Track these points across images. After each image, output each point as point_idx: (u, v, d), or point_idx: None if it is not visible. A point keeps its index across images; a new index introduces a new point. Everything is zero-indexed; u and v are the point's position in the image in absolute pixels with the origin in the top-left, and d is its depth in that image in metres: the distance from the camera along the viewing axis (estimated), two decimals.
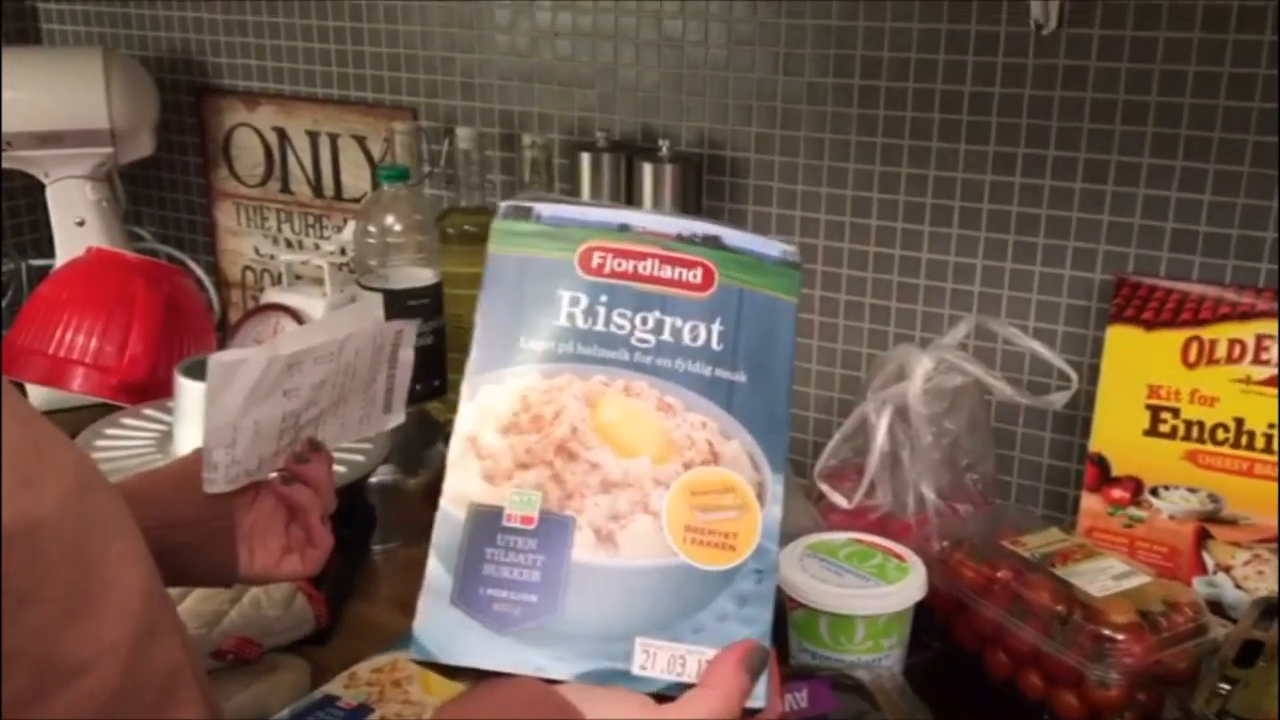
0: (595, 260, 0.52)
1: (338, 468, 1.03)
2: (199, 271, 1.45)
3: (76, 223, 1.34)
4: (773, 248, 0.54)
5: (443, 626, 0.47)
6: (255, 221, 1.45)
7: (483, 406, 0.51)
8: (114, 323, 1.16)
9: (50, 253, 1.35)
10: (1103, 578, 0.83)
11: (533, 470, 0.49)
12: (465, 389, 0.52)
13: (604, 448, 0.48)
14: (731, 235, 0.53)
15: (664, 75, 1.14)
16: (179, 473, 0.70)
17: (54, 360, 1.15)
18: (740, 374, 0.51)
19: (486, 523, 0.48)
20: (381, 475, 1.05)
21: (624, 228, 0.53)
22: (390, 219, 1.15)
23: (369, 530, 1.03)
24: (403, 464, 1.08)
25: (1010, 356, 1.04)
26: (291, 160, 1.40)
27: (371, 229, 1.16)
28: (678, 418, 0.49)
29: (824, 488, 0.99)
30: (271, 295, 1.29)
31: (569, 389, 0.50)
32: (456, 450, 0.50)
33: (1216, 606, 0.92)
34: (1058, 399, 0.95)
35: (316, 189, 1.40)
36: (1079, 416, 1.01)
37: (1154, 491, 0.95)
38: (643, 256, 0.52)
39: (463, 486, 0.49)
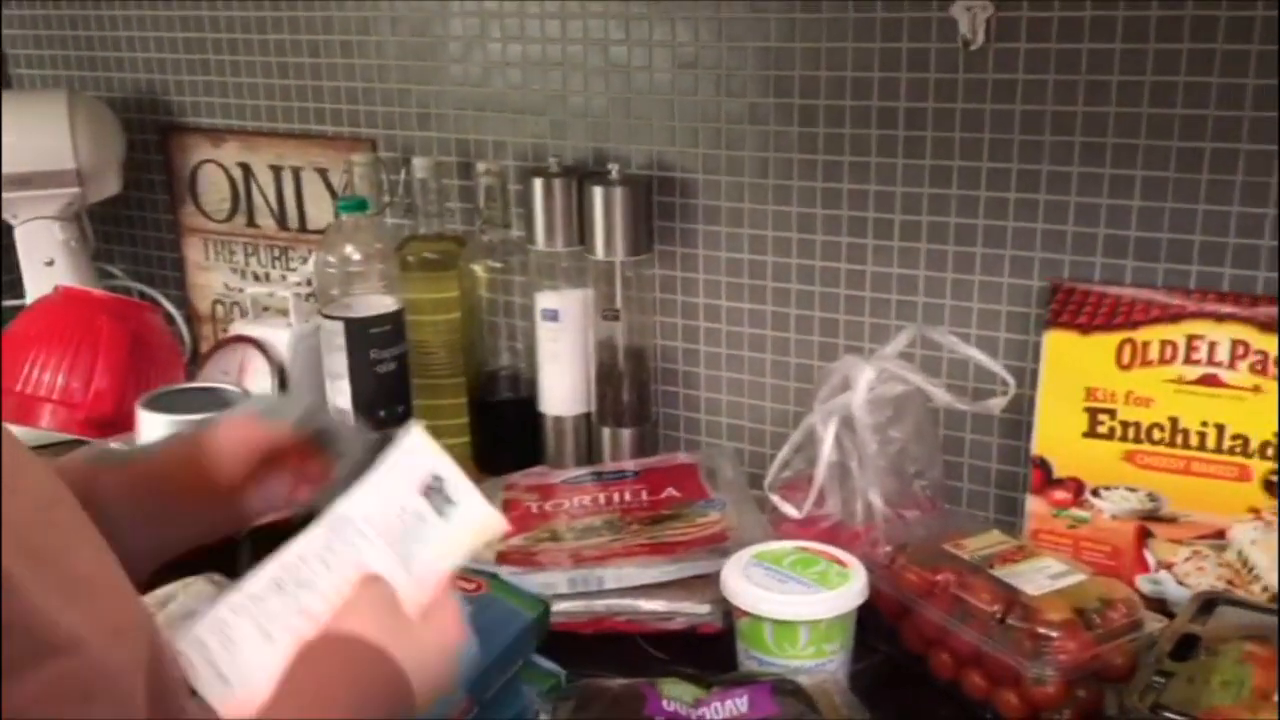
0: None
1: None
2: (169, 307, 1.48)
3: (45, 262, 1.37)
4: (533, 587, 0.87)
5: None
6: (223, 256, 1.48)
7: None
8: (80, 359, 1.18)
9: (21, 293, 1.37)
10: (1040, 577, 0.85)
11: None
12: None
13: None
14: (506, 575, 0.87)
15: (612, 100, 1.17)
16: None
17: (22, 397, 1.18)
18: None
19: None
20: None
21: None
22: (350, 249, 1.17)
23: None
24: None
25: (956, 364, 1.06)
26: (256, 194, 1.43)
27: (331, 259, 1.18)
28: None
29: (774, 499, 1.01)
30: (238, 328, 1.31)
31: None
32: None
33: (1160, 604, 0.93)
34: (996, 404, 0.97)
35: (281, 222, 1.42)
36: (1023, 421, 1.02)
37: (1095, 492, 0.97)
38: None
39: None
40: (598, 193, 1.12)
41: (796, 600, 0.82)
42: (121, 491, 0.73)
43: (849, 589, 0.83)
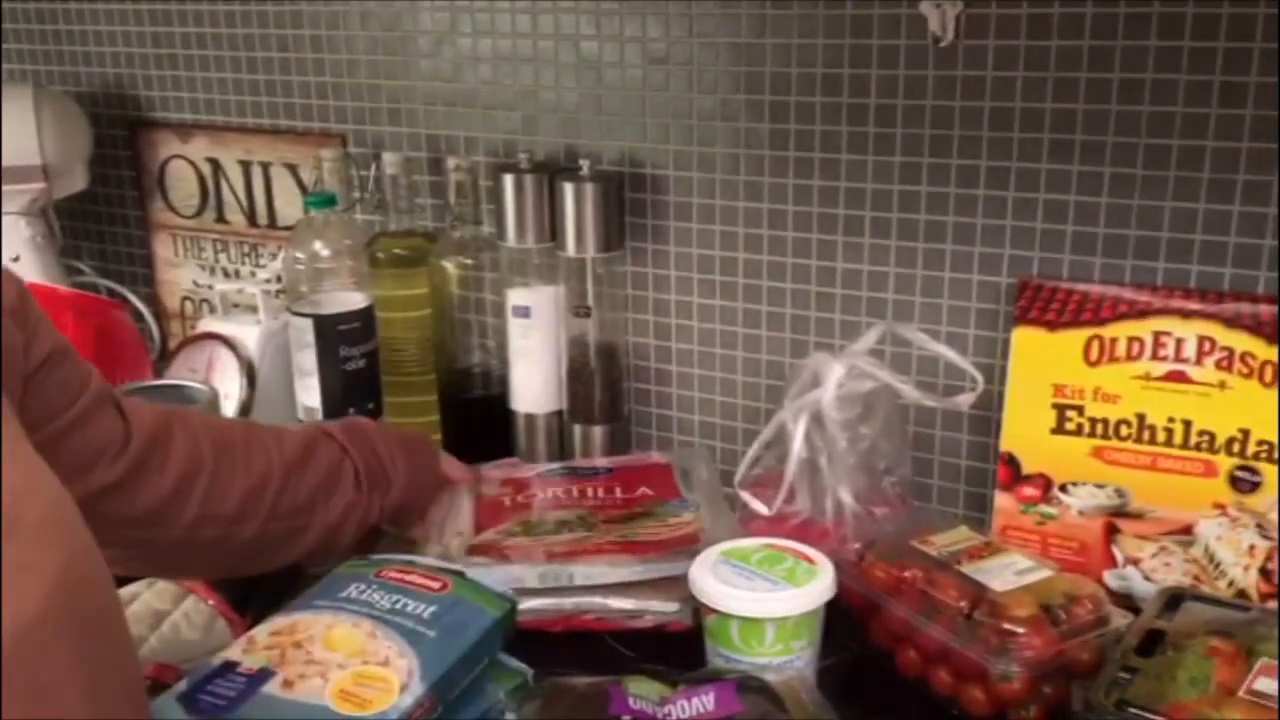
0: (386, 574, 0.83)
1: None
2: (138, 303, 1.46)
3: (12, 259, 1.35)
4: (500, 587, 0.84)
5: (166, 707, 0.71)
6: (192, 252, 1.47)
7: (273, 623, 0.78)
8: None
9: None
10: (1006, 573, 0.85)
11: (273, 650, 0.75)
12: (270, 621, 0.78)
13: (320, 645, 0.75)
14: (472, 574, 0.84)
15: (583, 96, 1.16)
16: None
17: None
18: (432, 632, 0.76)
19: (226, 668, 0.74)
20: None
21: (411, 562, 0.85)
22: (319, 245, 1.17)
23: None
24: None
25: (926, 360, 1.06)
26: (226, 190, 1.42)
27: (300, 256, 1.17)
28: (377, 641, 0.75)
29: (744, 496, 1.01)
30: (207, 324, 1.30)
31: (322, 619, 0.77)
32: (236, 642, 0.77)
33: (1127, 599, 0.94)
34: (964, 400, 0.97)
35: (251, 218, 1.41)
36: (993, 418, 1.03)
37: (1063, 488, 0.97)
38: (410, 571, 0.83)
39: (227, 652, 0.76)
40: (569, 189, 1.12)
41: (763, 597, 0.82)
42: (387, 438, 0.95)
43: (816, 586, 0.83)
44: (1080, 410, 0.96)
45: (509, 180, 1.14)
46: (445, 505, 1.01)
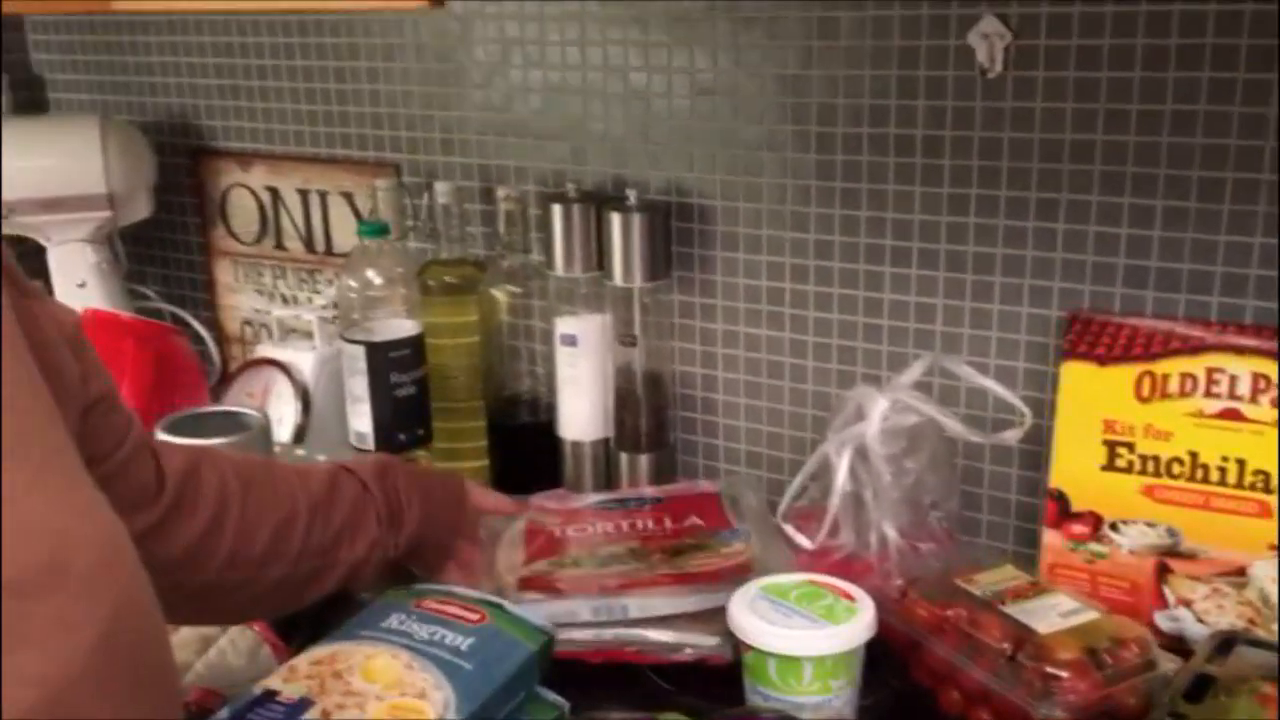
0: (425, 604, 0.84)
1: None
2: (200, 328, 1.49)
3: (78, 285, 1.39)
4: (537, 618, 0.85)
5: None
6: (252, 278, 1.50)
7: (314, 652, 0.79)
8: None
9: None
10: (1051, 615, 0.84)
11: (313, 679, 0.76)
12: (311, 650, 0.79)
13: (358, 676, 0.76)
14: (510, 606, 0.86)
15: (631, 127, 1.17)
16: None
17: None
18: (469, 664, 0.77)
19: (266, 696, 0.74)
20: None
21: (450, 593, 0.86)
22: (371, 273, 1.18)
23: None
24: None
25: (974, 394, 1.04)
26: (284, 218, 1.44)
27: (352, 283, 1.19)
28: (414, 673, 0.76)
29: (788, 529, 1.00)
30: (263, 350, 1.33)
31: (361, 649, 0.79)
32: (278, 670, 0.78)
33: (1179, 641, 0.92)
34: (1011, 436, 0.96)
35: (308, 245, 1.44)
36: (1043, 452, 1.01)
37: (1113, 526, 0.95)
38: (449, 602, 0.84)
39: (267, 680, 0.76)
40: (616, 219, 1.12)
41: (800, 635, 0.81)
42: (408, 475, 0.94)
43: (855, 625, 0.82)
44: (1131, 447, 0.94)
45: (557, 210, 1.15)
46: (491, 547, 1.01)
